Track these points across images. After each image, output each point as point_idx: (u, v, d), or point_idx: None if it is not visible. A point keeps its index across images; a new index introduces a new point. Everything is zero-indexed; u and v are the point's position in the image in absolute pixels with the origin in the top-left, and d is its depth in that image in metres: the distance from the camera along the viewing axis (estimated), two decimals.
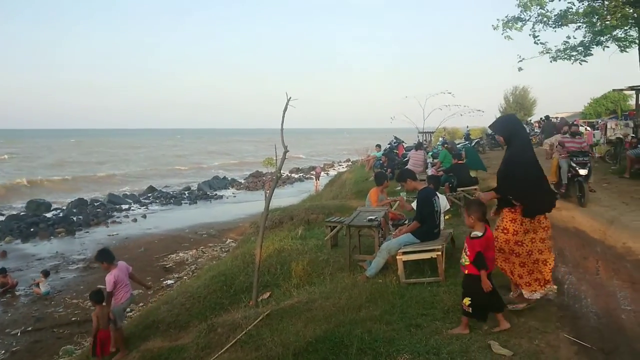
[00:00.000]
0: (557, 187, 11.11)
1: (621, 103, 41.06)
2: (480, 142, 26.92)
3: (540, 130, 31.62)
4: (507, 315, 4.68)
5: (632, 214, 10.00)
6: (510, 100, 63.11)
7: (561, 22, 16.16)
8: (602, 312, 5.12)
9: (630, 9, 14.37)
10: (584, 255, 7.25)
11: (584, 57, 16.16)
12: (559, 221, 9.44)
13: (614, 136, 18.03)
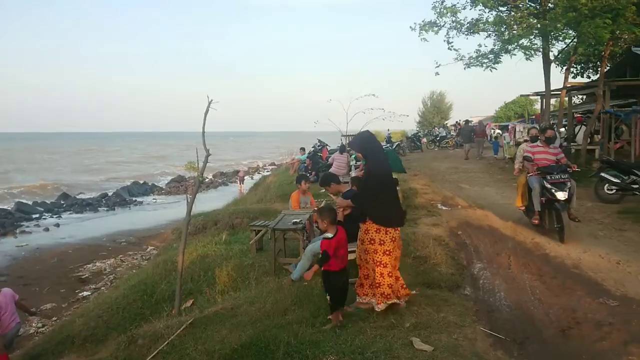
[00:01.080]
0: (528, 214, 9.04)
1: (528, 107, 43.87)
2: (400, 144, 27.80)
3: (456, 133, 33.21)
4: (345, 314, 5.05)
5: None
6: (428, 105, 65.74)
7: (473, 30, 17.01)
8: (514, 305, 5.43)
9: (535, 20, 15.39)
10: (497, 251, 7.66)
11: (494, 64, 17.10)
12: (474, 220, 9.94)
13: (521, 138, 19.21)
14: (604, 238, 8.27)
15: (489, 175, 17.16)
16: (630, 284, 5.93)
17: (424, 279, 6.06)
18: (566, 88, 18.71)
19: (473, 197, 12.70)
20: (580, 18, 13.68)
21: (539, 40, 16.61)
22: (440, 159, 23.83)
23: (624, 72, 20.26)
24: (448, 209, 11.25)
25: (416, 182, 15.42)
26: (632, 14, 13.87)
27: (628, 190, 11.13)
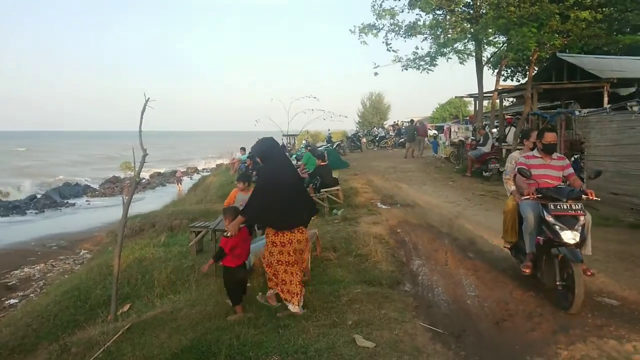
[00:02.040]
0: (516, 256, 6.26)
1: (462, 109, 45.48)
2: (341, 144, 28.08)
3: (395, 133, 33.93)
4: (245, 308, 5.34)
5: (473, 208, 11.15)
6: (367, 105, 66.71)
7: (410, 33, 17.47)
8: (451, 299, 5.61)
9: (468, 25, 16.01)
10: (435, 247, 7.89)
11: (430, 67, 17.64)
12: (413, 218, 10.21)
13: (456, 139, 19.93)
14: None
15: (426, 174, 17.64)
16: None
17: (365, 277, 6.15)
18: (497, 90, 19.55)
19: (412, 195, 13.01)
20: (510, 25, 14.36)
21: (472, 44, 17.27)
22: (379, 158, 24.26)
23: (550, 76, 21.41)
24: (388, 207, 11.49)
25: (356, 181, 15.63)
26: (556, 22, 14.70)
27: None
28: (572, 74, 19.36)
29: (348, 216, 10.20)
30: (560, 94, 20.56)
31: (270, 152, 5.18)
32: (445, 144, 21.04)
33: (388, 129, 41.01)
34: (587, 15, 14.29)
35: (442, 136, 22.43)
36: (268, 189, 4.94)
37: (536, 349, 4.29)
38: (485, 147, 15.58)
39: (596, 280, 6.07)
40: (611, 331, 4.60)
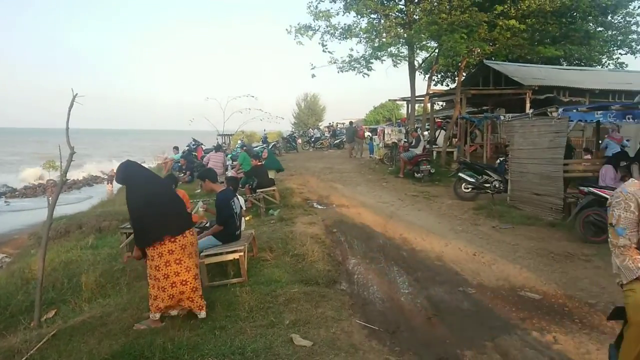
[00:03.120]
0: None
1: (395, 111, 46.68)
2: (277, 145, 28.03)
3: (330, 134, 34.27)
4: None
5: (406, 208, 11.46)
6: (302, 106, 67.06)
7: (346, 36, 17.74)
8: (385, 297, 5.75)
9: (402, 30, 16.46)
10: (370, 247, 8.05)
11: (366, 69, 17.99)
12: (348, 217, 10.35)
13: (390, 141, 20.41)
14: (463, 232, 9.07)
15: (361, 175, 17.95)
16: (485, 273, 6.58)
17: (302, 276, 6.17)
18: (429, 94, 20.22)
19: (347, 195, 13.20)
20: (441, 31, 14.91)
21: (406, 49, 17.77)
22: (315, 159, 24.43)
23: (477, 82, 22.38)
24: (323, 207, 11.60)
25: (293, 181, 15.67)
26: (484, 31, 15.42)
27: (481, 189, 12.34)
28: (497, 80, 20.33)
29: (284, 216, 10.20)
30: (487, 99, 21.53)
31: (129, 174, 4.96)
32: (379, 145, 21.49)
33: (324, 130, 41.41)
34: (514, 23, 15.08)
35: (376, 138, 22.90)
36: (143, 211, 4.80)
37: (466, 343, 4.49)
38: (417, 149, 16.06)
39: (519, 275, 6.43)
40: (534, 323, 4.89)
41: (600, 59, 27.24)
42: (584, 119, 9.42)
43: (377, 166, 20.24)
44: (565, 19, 20.75)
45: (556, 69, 22.35)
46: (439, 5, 16.09)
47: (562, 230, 8.90)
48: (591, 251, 7.56)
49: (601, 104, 10.69)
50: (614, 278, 6.18)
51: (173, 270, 4.82)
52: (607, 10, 22.64)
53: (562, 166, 9.76)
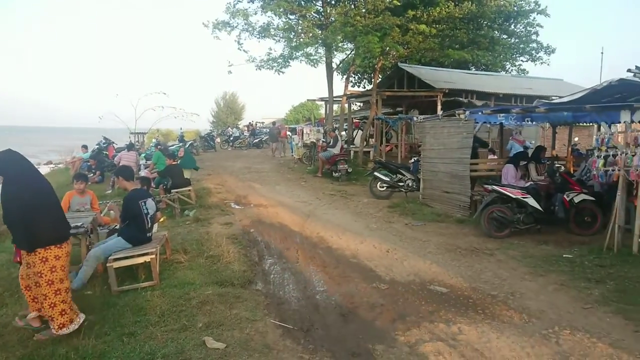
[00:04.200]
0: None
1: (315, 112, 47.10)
2: (194, 144, 27.35)
3: (249, 134, 33.96)
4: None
5: (323, 207, 11.59)
6: (221, 105, 65.98)
7: (264, 34, 17.66)
8: (301, 296, 5.78)
9: (319, 31, 16.64)
10: (287, 246, 8.06)
11: (283, 68, 18.00)
12: (266, 217, 10.31)
13: (308, 140, 20.58)
14: (377, 230, 9.32)
15: (280, 174, 17.96)
16: (397, 269, 6.79)
17: (217, 278, 6.07)
18: (346, 95, 20.59)
19: (265, 195, 13.14)
20: (356, 33, 15.25)
21: (323, 49, 17.98)
22: (233, 158, 24.12)
23: (393, 84, 23.09)
24: (241, 207, 11.48)
25: (210, 181, 15.38)
26: (397, 34, 15.95)
27: (396, 188, 12.74)
28: (411, 83, 21.09)
29: (200, 217, 9.98)
30: (401, 100, 22.29)
31: (8, 165, 4.40)
32: (298, 145, 21.61)
33: (243, 129, 40.97)
34: (424, 28, 15.71)
35: (295, 137, 23.01)
36: (15, 208, 4.30)
37: (378, 337, 4.61)
38: (335, 149, 16.31)
39: (429, 270, 6.70)
40: (441, 316, 5.11)
41: (505, 65, 29.05)
42: (488, 121, 10.00)
43: (296, 166, 20.34)
44: (473, 25, 21.95)
45: (465, 73, 23.56)
46: (355, 8, 16.47)
47: (470, 226, 9.39)
48: (494, 245, 8.04)
49: (503, 107, 11.36)
50: (513, 270, 6.64)
51: (58, 277, 4.45)
52: (510, 18, 24.22)
53: (469, 166, 10.30)
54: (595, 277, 6.30)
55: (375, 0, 15.59)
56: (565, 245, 8.07)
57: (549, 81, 24.29)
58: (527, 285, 6.09)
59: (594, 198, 8.70)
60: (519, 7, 24.83)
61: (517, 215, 8.66)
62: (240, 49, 18.09)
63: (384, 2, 15.49)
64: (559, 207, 8.76)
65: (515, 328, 4.77)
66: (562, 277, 6.34)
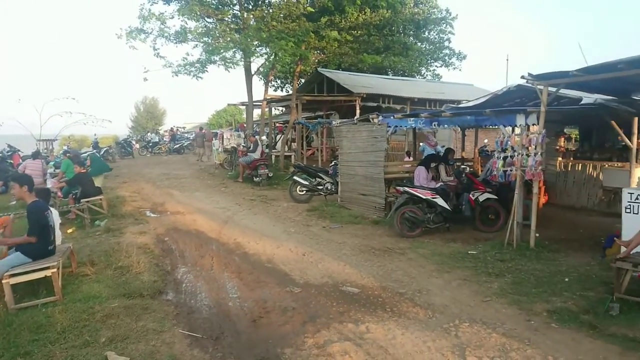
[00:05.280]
0: None
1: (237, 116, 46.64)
2: (109, 150, 26.23)
3: (170, 139, 33.09)
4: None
5: (242, 213, 11.51)
6: (141, 109, 63.88)
7: (180, 39, 17.27)
8: (213, 303, 5.71)
9: (236, 35, 16.52)
10: (202, 253, 7.93)
11: (201, 73, 17.65)
12: (182, 225, 10.09)
13: (229, 145, 20.36)
14: (295, 234, 9.38)
15: (200, 180, 17.63)
16: (311, 272, 6.88)
17: (125, 290, 5.87)
18: (266, 100, 20.57)
19: (183, 202, 12.86)
20: (271, 38, 15.31)
21: (240, 54, 17.87)
22: (152, 165, 23.40)
23: (313, 88, 23.36)
24: (157, 215, 11.16)
25: (125, 189, 14.84)
26: (313, 40, 16.16)
27: (315, 191, 12.90)
28: (331, 87, 21.45)
29: (112, 227, 9.60)
30: (322, 105, 22.58)
31: None
32: (219, 150, 21.32)
33: (163, 134, 39.85)
34: (336, 35, 16.04)
35: (216, 142, 22.69)
36: None
37: (287, 341, 4.64)
38: (256, 154, 16.23)
39: (343, 272, 6.85)
40: (350, 316, 5.23)
41: (420, 70, 30.28)
42: (400, 125, 10.36)
43: (217, 171, 20.05)
44: (387, 31, 22.68)
45: (383, 78, 24.30)
46: (272, 13, 16.52)
47: (384, 227, 9.69)
48: (406, 245, 8.34)
49: (413, 112, 11.83)
50: (422, 268, 6.91)
51: None
52: (421, 26, 25.25)
53: (383, 168, 10.62)
54: (496, 271, 6.70)
55: (290, 7, 15.73)
56: (472, 242, 8.52)
57: (460, 86, 25.55)
58: (433, 282, 6.38)
59: (497, 197, 9.27)
60: (431, 14, 25.98)
61: (428, 215, 9.04)
62: (157, 55, 17.59)
63: (298, 8, 15.65)
64: (465, 206, 9.27)
65: (420, 323, 4.99)
66: (466, 273, 6.69)
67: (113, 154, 26.21)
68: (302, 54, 16.32)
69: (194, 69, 17.35)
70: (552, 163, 12.11)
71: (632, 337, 4.56)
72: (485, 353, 4.29)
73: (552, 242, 8.14)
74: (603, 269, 6.50)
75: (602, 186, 11.10)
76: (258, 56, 18.42)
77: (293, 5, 16.00)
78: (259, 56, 18.60)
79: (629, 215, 6.33)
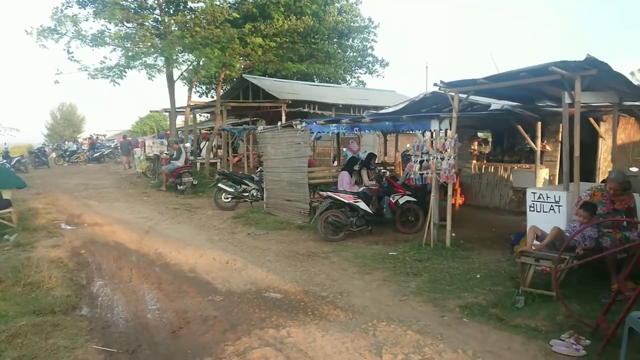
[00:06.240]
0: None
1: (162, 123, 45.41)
2: (22, 160, 24.68)
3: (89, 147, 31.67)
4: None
5: (165, 222, 11.24)
6: (58, 117, 60.74)
7: (98, 42, 16.63)
8: (130, 316, 5.54)
9: (158, 40, 16.14)
10: (120, 266, 7.67)
11: (119, 78, 17.07)
12: (100, 237, 9.71)
13: (151, 153, 19.79)
14: (219, 242, 9.28)
15: (121, 190, 17.01)
16: (234, 279, 6.84)
17: (34, 307, 5.56)
18: (190, 106, 20.20)
19: (102, 213, 12.36)
20: (195, 45, 15.09)
21: (162, 60, 17.47)
22: (69, 174, 22.27)
23: (238, 94, 23.17)
24: (73, 228, 10.67)
25: (38, 201, 14.06)
26: (237, 46, 16.09)
27: (240, 198, 12.81)
28: (257, 94, 21.39)
29: (23, 241, 9.03)
30: (248, 111, 22.46)
31: None
32: (141, 158, 20.66)
33: (82, 142, 38.03)
34: (260, 42, 16.07)
35: (137, 150, 21.98)
36: None
37: (207, 350, 4.59)
38: (179, 162, 15.88)
39: (266, 278, 6.86)
40: (272, 321, 5.25)
41: (345, 77, 30.87)
42: (322, 130, 10.53)
43: (139, 180, 19.43)
44: (311, 39, 22.99)
45: (308, 85, 24.51)
46: (195, 19, 16.28)
47: (309, 232, 9.79)
48: (330, 249, 8.48)
49: (336, 117, 12.06)
50: (344, 271, 7.06)
51: None
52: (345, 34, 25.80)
53: (307, 174, 10.74)
54: (414, 271, 6.97)
55: (215, 12, 15.57)
56: (392, 243, 8.79)
57: (384, 92, 26.24)
58: (355, 284, 6.53)
59: (416, 199, 9.64)
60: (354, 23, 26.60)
61: (351, 218, 9.23)
62: (72, 58, 16.85)
63: (222, 14, 15.53)
64: (386, 209, 9.56)
65: (340, 325, 5.09)
66: (385, 274, 6.91)
67: (26, 164, 24.67)
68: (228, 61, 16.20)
69: (112, 74, 16.74)
70: (467, 166, 12.74)
71: (534, 327, 4.90)
72: (400, 350, 4.46)
73: (467, 241, 8.58)
74: (511, 265, 6.91)
75: (512, 187, 11.81)
76: (181, 63, 18.06)
77: (217, 11, 15.86)
78: (182, 62, 18.25)
79: (533, 213, 6.80)
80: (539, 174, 10.31)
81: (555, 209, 6.53)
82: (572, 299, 5.31)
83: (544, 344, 4.48)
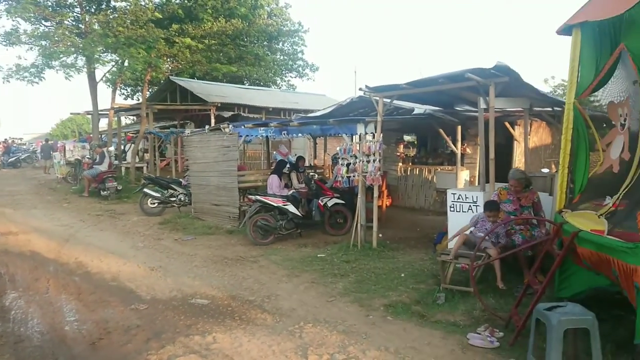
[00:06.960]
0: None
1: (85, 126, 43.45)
2: None
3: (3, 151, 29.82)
4: None
5: (87, 229, 10.78)
6: None
7: (11, 41, 15.68)
8: (46, 329, 5.27)
9: (78, 39, 15.44)
10: (37, 276, 7.26)
11: (37, 79, 16.18)
12: (14, 246, 9.17)
13: (72, 157, 18.90)
14: (144, 248, 9.01)
15: (39, 196, 16.11)
16: (159, 287, 6.66)
17: None
18: (114, 109, 19.48)
19: (17, 221, 11.65)
20: (118, 45, 14.58)
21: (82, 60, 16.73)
22: None
23: (165, 97, 22.59)
24: None
25: None
26: (163, 47, 15.70)
27: (167, 203, 12.50)
28: (185, 96, 20.93)
29: None
30: (176, 114, 21.93)
31: None
32: (61, 163, 19.66)
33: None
34: (190, 42, 15.77)
35: (57, 155, 20.90)
36: None
37: None
38: (102, 166, 15.27)
39: (192, 284, 6.73)
40: (198, 328, 5.17)
41: (276, 80, 30.88)
42: (250, 134, 10.49)
43: (60, 186, 18.49)
44: (240, 41, 22.83)
45: (238, 87, 24.29)
46: (118, 18, 15.71)
47: (238, 237, 9.72)
48: (259, 252, 8.46)
49: (265, 121, 12.05)
50: (273, 274, 7.07)
51: None
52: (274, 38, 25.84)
53: (237, 177, 10.65)
54: (341, 272, 7.09)
55: (137, 11, 15.11)
56: (321, 245, 8.90)
57: (314, 96, 26.50)
58: (283, 287, 6.55)
59: (344, 201, 9.80)
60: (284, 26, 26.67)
61: (280, 222, 9.25)
62: None
63: (146, 13, 15.09)
64: (315, 212, 9.67)
65: (267, 329, 5.09)
66: (313, 276, 6.98)
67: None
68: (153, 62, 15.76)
69: (28, 74, 15.83)
70: (394, 168, 13.12)
71: (453, 321, 5.13)
72: (325, 350, 4.52)
73: (393, 241, 8.84)
74: (434, 263, 7.17)
75: (436, 188, 12.28)
76: (103, 63, 17.34)
77: (140, 11, 15.40)
78: (105, 63, 17.53)
79: (453, 213, 7.10)
80: (460, 175, 10.78)
81: (473, 209, 6.85)
82: (488, 294, 5.61)
83: (462, 338, 4.70)
